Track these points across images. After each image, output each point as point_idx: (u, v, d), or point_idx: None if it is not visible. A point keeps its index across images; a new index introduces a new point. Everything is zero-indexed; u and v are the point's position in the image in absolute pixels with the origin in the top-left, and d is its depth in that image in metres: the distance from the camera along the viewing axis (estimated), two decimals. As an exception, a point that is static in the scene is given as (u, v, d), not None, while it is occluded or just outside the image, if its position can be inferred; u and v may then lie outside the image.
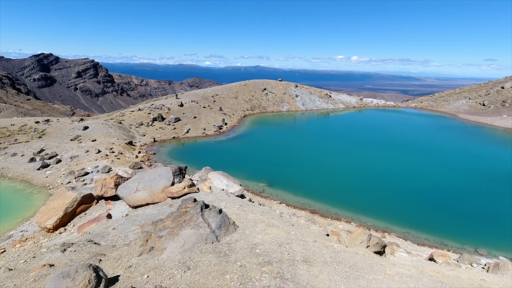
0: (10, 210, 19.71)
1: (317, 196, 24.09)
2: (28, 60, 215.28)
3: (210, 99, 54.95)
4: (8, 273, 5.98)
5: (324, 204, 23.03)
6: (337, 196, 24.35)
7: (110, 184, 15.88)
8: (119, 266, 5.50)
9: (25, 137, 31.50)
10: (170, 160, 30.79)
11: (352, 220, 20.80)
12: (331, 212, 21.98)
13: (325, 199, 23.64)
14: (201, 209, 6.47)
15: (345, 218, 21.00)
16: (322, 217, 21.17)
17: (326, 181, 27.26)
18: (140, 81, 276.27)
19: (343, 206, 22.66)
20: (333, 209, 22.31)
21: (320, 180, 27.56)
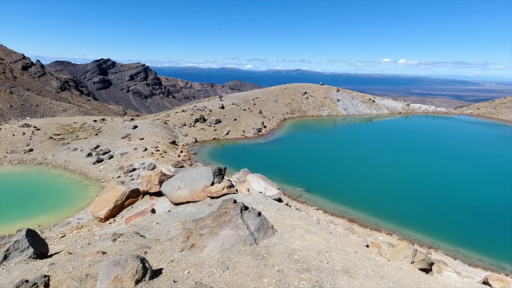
0: (69, 199, 21.86)
1: (355, 205, 23.12)
2: (90, 65, 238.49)
3: (250, 102, 55.72)
4: (68, 256, 6.61)
5: (363, 213, 22.01)
6: (377, 205, 23.11)
7: (155, 180, 16.84)
8: (163, 259, 5.78)
9: (84, 134, 34.77)
10: (209, 161, 31.75)
11: (393, 232, 19.57)
12: (371, 222, 20.92)
13: (364, 208, 22.58)
14: (240, 211, 6.55)
15: (386, 230, 19.84)
16: (361, 227, 20.24)
17: (366, 190, 26.03)
18: (185, 84, 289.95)
19: (384, 217, 21.44)
20: (373, 219, 21.21)
21: (360, 188, 26.40)
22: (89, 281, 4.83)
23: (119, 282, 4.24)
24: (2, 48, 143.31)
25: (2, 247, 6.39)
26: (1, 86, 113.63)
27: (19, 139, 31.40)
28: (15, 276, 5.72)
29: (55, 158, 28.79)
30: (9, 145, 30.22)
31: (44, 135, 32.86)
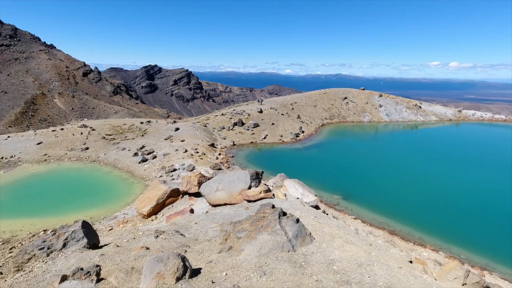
0: (117, 195, 23.50)
1: (397, 216, 21.72)
2: (139, 71, 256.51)
3: (288, 107, 55.46)
4: (116, 249, 7.10)
5: (405, 225, 20.58)
6: (421, 218, 21.48)
7: (194, 181, 17.42)
8: (201, 259, 5.92)
9: (132, 135, 37.29)
10: (246, 164, 32.10)
11: (440, 249, 18.01)
12: (414, 236, 19.48)
13: (407, 221, 21.11)
14: (279, 216, 6.49)
15: (432, 245, 18.33)
16: (403, 241, 18.95)
17: (410, 201, 24.35)
18: (225, 88, 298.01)
19: (429, 231, 19.85)
20: (417, 233, 19.74)
21: (402, 198, 24.78)
22: (134, 274, 5.12)
23: (162, 278, 4.42)
24: (67, 57, 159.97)
25: (61, 235, 7.07)
26: (65, 91, 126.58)
27: (78, 138, 34.64)
28: (72, 263, 6.27)
29: (106, 157, 31.22)
30: (69, 143, 33.47)
31: (98, 135, 35.88)
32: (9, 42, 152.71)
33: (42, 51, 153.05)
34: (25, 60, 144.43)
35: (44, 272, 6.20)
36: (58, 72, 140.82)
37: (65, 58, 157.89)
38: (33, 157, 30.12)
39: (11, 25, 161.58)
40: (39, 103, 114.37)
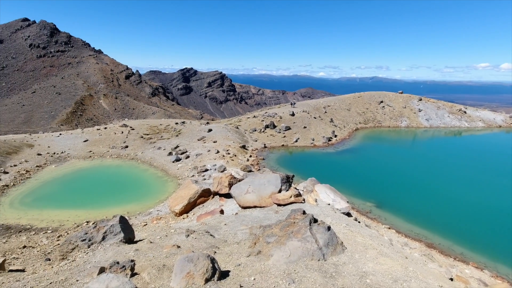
0: (152, 192, 24.58)
1: (436, 228, 20.19)
2: (176, 73, 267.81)
3: (321, 110, 54.42)
4: (149, 245, 7.40)
5: (445, 238, 19.06)
6: (464, 232, 19.76)
7: (225, 182, 17.67)
8: (230, 262, 5.95)
9: (167, 135, 38.88)
10: (277, 167, 31.93)
11: (485, 267, 16.42)
12: (455, 250, 17.97)
13: (447, 234, 19.54)
14: (309, 223, 6.33)
15: (475, 263, 16.77)
16: (443, 255, 17.57)
17: (451, 213, 22.58)
18: (257, 91, 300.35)
19: (472, 246, 18.18)
20: (458, 248, 18.18)
21: (442, 209, 23.04)
22: (165, 272, 5.27)
23: (191, 278, 4.50)
24: (112, 61, 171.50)
25: (101, 229, 7.53)
26: (110, 92, 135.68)
27: (119, 137, 36.87)
28: (109, 256, 6.64)
29: (143, 155, 32.84)
30: (111, 141, 35.73)
31: (136, 134, 37.89)
32: (64, 48, 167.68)
33: (91, 56, 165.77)
34: (77, 65, 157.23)
35: (85, 262, 6.62)
36: (104, 75, 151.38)
37: (110, 62, 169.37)
38: (80, 153, 32.56)
39: (66, 33, 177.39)
40: (87, 103, 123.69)
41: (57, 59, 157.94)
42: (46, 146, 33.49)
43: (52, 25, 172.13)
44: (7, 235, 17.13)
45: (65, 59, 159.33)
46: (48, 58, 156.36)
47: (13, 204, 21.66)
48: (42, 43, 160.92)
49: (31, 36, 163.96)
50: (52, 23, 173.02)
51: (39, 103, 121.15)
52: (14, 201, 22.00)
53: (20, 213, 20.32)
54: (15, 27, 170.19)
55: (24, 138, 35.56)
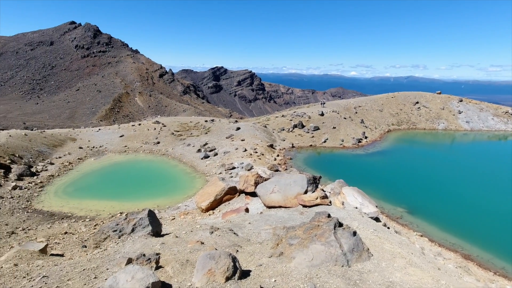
0: (181, 187, 25.35)
1: (474, 238, 18.72)
2: (207, 72, 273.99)
3: (351, 110, 52.80)
4: (175, 240, 7.64)
5: (484, 251, 17.61)
6: (507, 245, 18.14)
7: (251, 181, 17.73)
8: (252, 261, 5.96)
9: (197, 132, 39.90)
10: (304, 167, 31.51)
11: (531, 285, 14.97)
12: (496, 264, 16.55)
13: (487, 245, 18.04)
14: (334, 227, 6.16)
15: (520, 279, 15.36)
16: (481, 268, 16.26)
17: (492, 223, 20.83)
18: (286, 90, 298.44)
19: (515, 261, 16.67)
20: (499, 261, 16.73)
21: (482, 219, 21.34)
22: (188, 267, 5.40)
23: (212, 275, 4.57)
24: (148, 61, 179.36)
25: (131, 221, 7.91)
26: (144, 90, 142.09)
27: (151, 133, 38.49)
28: (137, 247, 6.95)
29: (173, 151, 33.99)
30: (145, 137, 37.40)
31: (168, 131, 39.31)
32: (105, 48, 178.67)
33: (128, 56, 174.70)
34: (116, 64, 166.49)
35: (115, 252, 6.99)
36: (140, 74, 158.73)
37: (146, 61, 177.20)
38: (116, 148, 34.44)
39: (107, 34, 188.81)
40: (124, 101, 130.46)
41: (99, 59, 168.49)
42: (86, 140, 35.83)
43: (95, 27, 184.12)
44: (51, 221, 18.60)
45: (106, 58, 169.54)
46: (91, 58, 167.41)
47: (57, 193, 23.45)
48: (86, 44, 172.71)
49: (77, 38, 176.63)
50: (96, 26, 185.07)
51: (82, 100, 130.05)
52: (58, 190, 23.81)
53: (62, 202, 21.95)
54: (64, 30, 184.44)
55: (68, 132, 38.33)
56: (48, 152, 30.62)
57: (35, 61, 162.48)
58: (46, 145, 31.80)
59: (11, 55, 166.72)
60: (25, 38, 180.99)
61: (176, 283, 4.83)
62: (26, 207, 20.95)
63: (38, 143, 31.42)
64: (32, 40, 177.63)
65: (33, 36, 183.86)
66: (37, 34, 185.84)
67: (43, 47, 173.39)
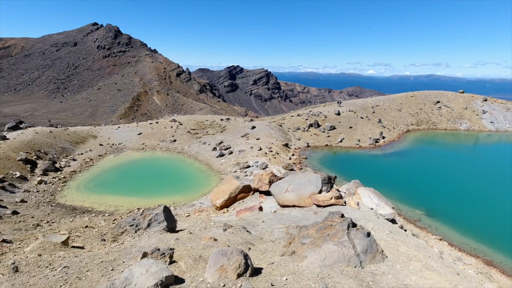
0: (196, 185, 25.74)
1: (498, 244, 17.90)
2: (223, 71, 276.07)
3: (369, 110, 51.73)
4: (189, 236, 7.79)
5: (508, 257, 16.85)
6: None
7: (265, 180, 17.77)
8: (263, 259, 6.00)
9: (212, 131, 40.33)
10: (319, 167, 31.21)
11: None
12: (521, 271, 15.80)
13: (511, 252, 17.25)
14: (347, 227, 6.09)
15: (548, 289, 14.56)
16: (504, 275, 15.55)
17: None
18: (302, 89, 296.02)
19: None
20: (525, 268, 15.97)
21: (506, 224, 20.39)
22: (201, 262, 5.51)
23: (224, 272, 4.64)
24: (166, 60, 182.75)
25: (147, 216, 8.14)
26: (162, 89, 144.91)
27: (168, 131, 39.26)
28: (152, 242, 7.15)
29: (189, 149, 34.53)
30: (162, 135, 38.21)
31: (184, 129, 39.96)
32: (125, 48, 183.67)
33: (147, 55, 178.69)
34: (135, 63, 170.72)
35: (132, 246, 7.21)
36: (158, 73, 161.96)
37: (163, 61, 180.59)
38: (134, 145, 35.38)
39: (127, 34, 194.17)
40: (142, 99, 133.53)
41: (119, 58, 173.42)
42: (106, 137, 37.01)
43: (116, 28, 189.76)
44: (73, 215, 19.39)
45: (126, 58, 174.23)
46: (112, 58, 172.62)
47: (79, 188, 24.40)
48: (107, 45, 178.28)
49: (98, 39, 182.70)
50: (116, 26, 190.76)
51: (103, 99, 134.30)
52: (80, 186, 24.77)
53: (84, 197, 22.83)
54: (87, 31, 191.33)
55: (89, 130, 39.72)
56: (71, 149, 31.86)
57: (60, 61, 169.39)
58: (69, 142, 33.10)
59: (38, 56, 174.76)
60: (51, 40, 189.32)
61: (189, 278, 4.94)
62: (50, 201, 21.93)
63: (62, 140, 32.75)
64: (58, 41, 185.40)
65: (58, 37, 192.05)
66: (62, 35, 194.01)
67: (68, 47, 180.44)
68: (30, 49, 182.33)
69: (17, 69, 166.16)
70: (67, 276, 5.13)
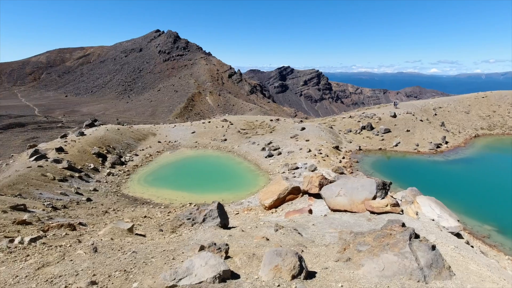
0: (244, 184, 26.32)
1: None
2: (273, 72, 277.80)
3: (430, 112, 47.42)
4: (241, 233, 8.02)
5: None
6: None
7: (315, 182, 17.43)
8: (317, 263, 5.90)
9: (262, 131, 40.85)
10: (372, 171, 29.58)
11: None
12: None
13: None
14: (409, 238, 5.68)
15: None
16: None
17: None
18: (355, 89, 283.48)
19: None
20: None
21: None
22: (254, 260, 5.63)
23: (278, 272, 4.68)
24: (219, 62, 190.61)
25: (202, 212, 8.60)
26: (215, 90, 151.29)
27: (219, 130, 40.83)
28: (208, 236, 7.52)
29: (239, 149, 35.45)
30: (213, 134, 39.91)
31: (234, 129, 41.17)
32: (182, 52, 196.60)
33: (202, 58, 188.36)
34: (191, 66, 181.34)
35: (189, 238, 7.67)
36: (211, 74, 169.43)
37: (217, 63, 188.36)
38: (188, 143, 37.53)
39: (185, 39, 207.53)
40: (196, 100, 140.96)
41: (177, 62, 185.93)
42: (164, 135, 39.88)
43: (175, 33, 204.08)
44: (134, 205, 21.32)
45: (183, 61, 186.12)
46: (171, 61, 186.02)
47: (140, 181, 26.71)
48: (167, 49, 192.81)
49: (160, 44, 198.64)
50: (176, 32, 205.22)
51: (162, 99, 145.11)
52: (140, 179, 27.11)
53: (143, 189, 24.93)
54: (150, 38, 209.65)
55: (150, 128, 43.23)
56: (134, 145, 35.03)
57: (128, 66, 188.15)
58: (133, 138, 36.44)
59: (111, 62, 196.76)
60: (121, 47, 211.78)
61: (244, 274, 5.08)
62: (116, 191, 24.38)
63: (127, 136, 36.18)
64: (126, 48, 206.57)
65: (127, 44, 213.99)
66: (130, 42, 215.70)
67: (134, 53, 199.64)
68: (105, 55, 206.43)
69: (94, 74, 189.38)
70: (135, 260, 5.67)
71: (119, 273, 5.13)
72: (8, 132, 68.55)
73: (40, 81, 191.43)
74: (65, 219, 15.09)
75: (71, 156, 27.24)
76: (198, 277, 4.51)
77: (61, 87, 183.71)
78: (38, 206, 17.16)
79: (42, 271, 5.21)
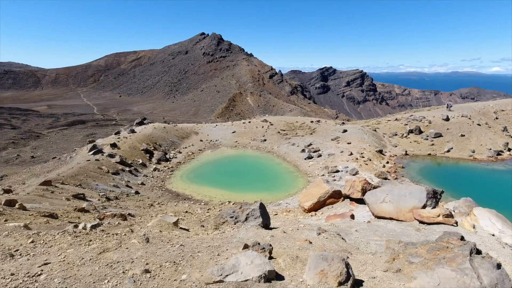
0: (283, 185, 26.21)
1: None
2: (315, 73, 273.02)
3: (490, 115, 42.92)
4: (283, 235, 8.02)
5: None
6: None
7: (358, 187, 16.78)
8: (364, 271, 5.67)
9: (302, 132, 40.36)
10: (419, 178, 27.60)
11: None
12: None
13: None
14: (470, 253, 5.19)
15: None
16: None
17: None
18: (402, 91, 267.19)
19: None
20: None
21: None
22: (298, 263, 5.59)
23: (324, 277, 4.59)
24: (260, 63, 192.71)
25: (245, 211, 8.75)
26: (255, 91, 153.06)
27: (259, 131, 41.19)
28: (250, 235, 7.64)
29: (278, 149, 35.41)
30: (253, 134, 40.38)
31: (274, 130, 41.22)
32: (225, 54, 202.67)
33: (244, 59, 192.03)
34: (233, 67, 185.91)
35: (232, 236, 7.86)
36: (252, 75, 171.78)
37: (258, 64, 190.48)
38: (228, 143, 38.43)
39: (228, 41, 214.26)
40: (237, 100, 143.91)
41: (220, 63, 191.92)
42: (206, 134, 41.31)
43: (219, 36, 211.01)
44: (177, 200, 22.39)
45: (225, 63, 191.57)
46: (214, 63, 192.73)
47: (182, 177, 28.00)
48: (211, 51, 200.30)
49: (204, 46, 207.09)
50: (219, 34, 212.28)
51: (204, 99, 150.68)
52: (183, 175, 28.40)
53: (185, 185, 26.08)
54: (195, 40, 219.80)
55: (193, 127, 45.09)
56: (178, 143, 36.81)
57: (174, 68, 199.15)
58: (177, 136, 38.32)
59: (159, 64, 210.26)
60: (169, 50, 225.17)
61: (288, 276, 5.07)
62: (161, 186, 25.82)
63: (172, 134, 38.15)
64: (174, 51, 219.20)
65: (174, 47, 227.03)
66: (177, 45, 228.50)
67: (180, 55, 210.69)
68: (154, 58, 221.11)
69: (144, 76, 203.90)
70: (183, 253, 5.95)
71: (169, 264, 5.43)
72: (72, 128, 76.59)
73: (99, 83, 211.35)
74: (117, 209, 16.37)
75: (122, 152, 29.48)
76: (244, 275, 4.60)
77: (116, 88, 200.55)
78: (95, 196, 18.84)
79: (103, 256, 5.72)
